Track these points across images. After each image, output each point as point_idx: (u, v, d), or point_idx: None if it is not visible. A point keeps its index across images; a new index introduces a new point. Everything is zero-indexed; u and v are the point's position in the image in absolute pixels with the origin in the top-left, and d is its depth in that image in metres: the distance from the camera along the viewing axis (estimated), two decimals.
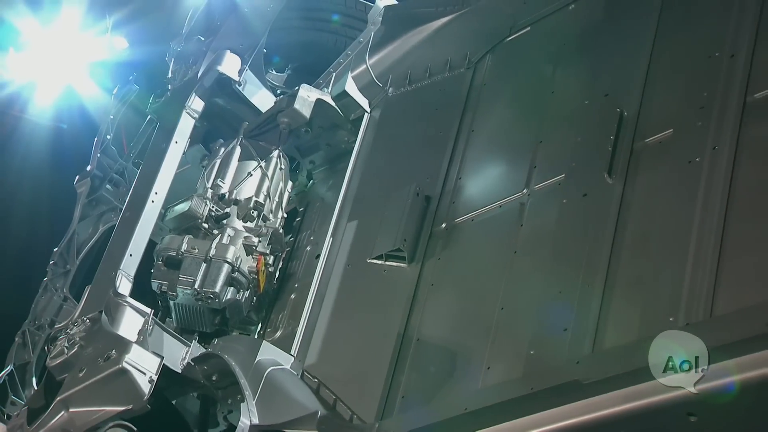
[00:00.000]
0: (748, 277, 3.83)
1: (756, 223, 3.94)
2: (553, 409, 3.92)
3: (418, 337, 4.83)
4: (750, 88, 4.25)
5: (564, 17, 5.33)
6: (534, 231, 4.73)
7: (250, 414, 4.69)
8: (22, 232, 8.05)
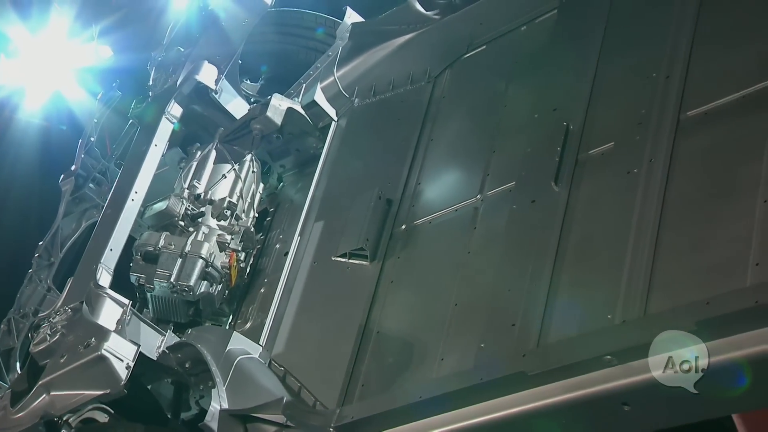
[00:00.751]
0: (678, 279, 3.89)
1: (686, 230, 4.00)
2: (500, 398, 3.97)
3: (378, 330, 4.86)
4: (683, 106, 4.32)
5: (517, 37, 5.36)
6: (486, 233, 4.76)
7: (221, 399, 4.71)
8: (10, 227, 8.02)
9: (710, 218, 3.96)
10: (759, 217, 3.78)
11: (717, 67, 4.35)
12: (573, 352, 3.88)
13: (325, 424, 4.47)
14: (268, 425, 4.72)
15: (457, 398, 4.10)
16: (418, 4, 5.66)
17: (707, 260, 3.86)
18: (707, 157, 4.14)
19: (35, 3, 9.84)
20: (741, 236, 3.79)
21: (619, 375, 3.68)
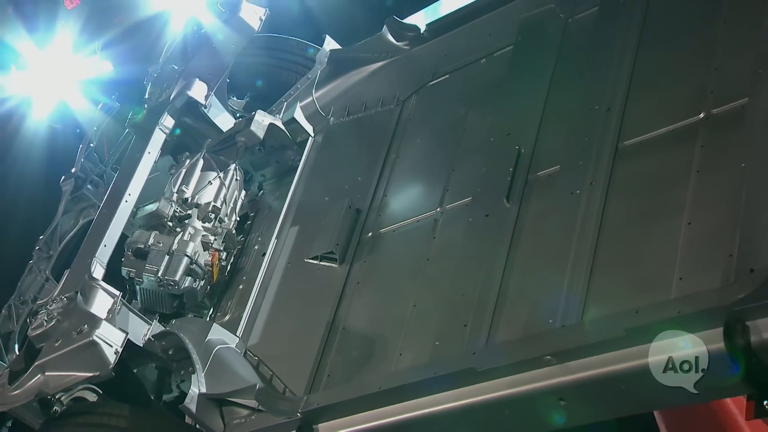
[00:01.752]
0: (611, 290, 3.96)
1: (620, 246, 4.07)
2: (451, 391, 3.99)
3: (344, 326, 4.88)
4: (621, 136, 4.39)
5: (477, 69, 5.40)
6: (444, 243, 4.80)
7: (200, 384, 4.71)
8: (15, 221, 7.98)
9: (641, 236, 4.04)
10: (683, 237, 3.86)
11: (651, 103, 4.43)
12: (517, 351, 3.91)
13: (293, 410, 4.45)
14: (242, 409, 4.74)
15: (412, 390, 4.11)
16: (390, 36, 5.70)
17: (637, 274, 3.93)
18: (640, 182, 4.21)
19: (42, 20, 9.84)
20: (667, 253, 3.86)
21: (557, 373, 3.72)
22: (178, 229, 5.70)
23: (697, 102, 4.20)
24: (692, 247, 3.81)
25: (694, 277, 3.72)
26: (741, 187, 3.74)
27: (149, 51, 7.04)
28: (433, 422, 4.06)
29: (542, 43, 5.06)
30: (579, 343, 3.70)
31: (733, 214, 3.71)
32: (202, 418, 4.69)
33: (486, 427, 4.05)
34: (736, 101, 4.06)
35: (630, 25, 4.71)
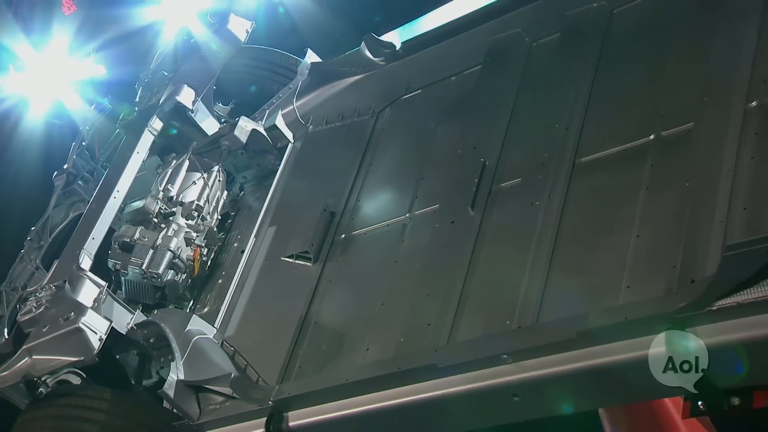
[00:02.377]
0: (565, 295, 4.00)
1: (574, 255, 4.13)
2: (414, 385, 4.02)
3: (316, 321, 4.89)
4: (578, 153, 4.44)
5: (447, 85, 5.43)
6: (412, 246, 4.82)
7: (178, 371, 4.73)
8: (10, 213, 7.96)
9: (594, 246, 4.09)
10: (632, 248, 3.93)
11: (606, 123, 4.49)
12: (476, 350, 3.95)
13: (265, 398, 4.47)
14: (217, 396, 4.74)
15: (378, 383, 4.13)
16: (368, 51, 5.72)
17: (589, 281, 3.99)
18: (595, 196, 4.27)
19: (40, 24, 9.82)
20: (617, 263, 3.92)
21: (512, 371, 3.76)
22: (162, 225, 5.69)
23: (648, 124, 4.27)
24: (639, 258, 3.87)
25: (640, 285, 3.78)
26: (685, 205, 3.82)
27: (142, 57, 7.05)
28: (396, 414, 4.09)
29: (508, 64, 5.10)
30: (533, 344, 3.75)
31: (678, 229, 3.78)
32: (180, 403, 4.69)
33: (445, 420, 4.07)
34: (683, 125, 4.13)
35: (589, 51, 4.77)
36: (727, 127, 3.84)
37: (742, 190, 3.65)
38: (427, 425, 4.13)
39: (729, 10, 4.24)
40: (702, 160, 3.87)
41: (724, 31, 4.19)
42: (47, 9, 9.95)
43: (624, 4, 4.84)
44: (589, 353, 3.59)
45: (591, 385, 3.66)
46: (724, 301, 3.33)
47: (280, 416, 4.41)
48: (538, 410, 3.85)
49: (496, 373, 3.79)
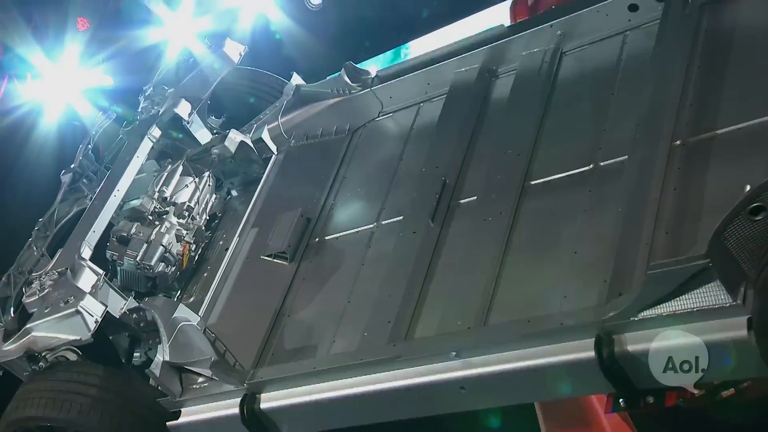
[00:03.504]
0: (510, 302, 4.05)
1: (520, 267, 4.17)
2: (374, 375, 4.06)
3: (289, 314, 4.90)
4: (527, 177, 4.48)
5: (415, 111, 5.47)
6: (377, 252, 4.84)
7: (164, 353, 4.71)
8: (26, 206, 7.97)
9: (537, 260, 4.14)
10: (570, 263, 3.99)
11: (553, 152, 4.54)
12: (430, 346, 3.99)
13: (240, 381, 4.49)
14: (198, 376, 4.73)
15: (342, 371, 4.17)
16: (347, 77, 5.72)
17: (532, 290, 4.03)
18: (540, 215, 4.32)
19: (55, 38, 9.79)
20: (556, 275, 3.98)
21: (461, 367, 3.81)
22: (156, 222, 5.66)
23: (588, 155, 4.34)
24: (576, 272, 3.93)
25: (575, 295, 3.84)
26: (617, 227, 3.89)
27: (146, 71, 7.08)
28: (357, 400, 4.12)
29: (469, 96, 5.14)
30: (480, 343, 3.81)
31: (610, 248, 3.84)
32: (164, 381, 4.69)
33: (400, 407, 4.10)
34: (618, 158, 4.20)
35: (541, 88, 4.83)
36: (654, 162, 3.92)
37: (665, 217, 3.73)
38: (384, 411, 4.16)
39: (661, 61, 4.32)
40: (632, 189, 3.93)
41: (655, 78, 4.27)
42: (63, 25, 9.93)
43: (573, 49, 4.91)
44: (528, 353, 3.65)
45: (529, 381, 3.72)
46: (646, 313, 3.40)
47: (254, 397, 4.42)
48: (481, 402, 3.91)
49: (447, 368, 3.84)
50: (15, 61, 10.09)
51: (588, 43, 4.85)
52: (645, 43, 4.53)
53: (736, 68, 4.11)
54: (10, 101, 10.07)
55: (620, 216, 3.90)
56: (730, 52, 4.21)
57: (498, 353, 3.72)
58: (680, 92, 4.13)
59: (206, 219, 5.91)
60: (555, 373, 3.63)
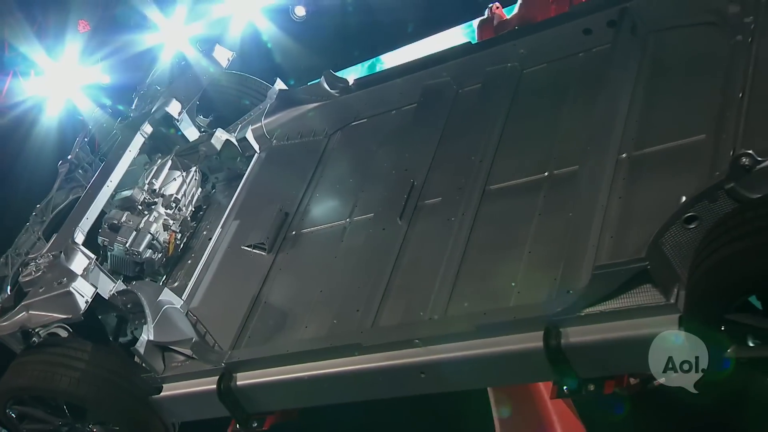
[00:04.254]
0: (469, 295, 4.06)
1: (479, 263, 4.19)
2: (342, 359, 4.07)
3: (266, 300, 4.87)
4: (488, 182, 4.50)
5: (388, 118, 5.45)
6: (349, 246, 4.82)
7: (149, 333, 4.69)
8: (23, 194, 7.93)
9: (495, 258, 4.15)
10: (524, 261, 4.01)
11: (512, 159, 4.55)
12: (394, 334, 4.01)
13: (218, 360, 4.48)
14: (179, 355, 4.72)
15: (312, 355, 4.17)
16: (326, 84, 5.69)
17: (489, 285, 4.04)
18: (498, 217, 4.33)
19: (57, 38, 9.77)
20: (512, 272, 4.00)
21: (422, 354, 3.84)
22: (145, 212, 5.61)
23: (543, 163, 4.35)
24: (529, 270, 3.96)
25: (529, 292, 3.86)
26: (567, 230, 3.92)
27: (141, 71, 7.05)
28: (325, 381, 4.13)
29: (438, 106, 5.14)
30: (440, 333, 3.83)
31: (561, 249, 3.88)
32: (148, 359, 4.67)
33: (365, 389, 4.12)
34: (570, 167, 4.23)
35: (502, 101, 4.84)
36: (602, 172, 3.96)
37: (611, 222, 3.78)
38: (348, 393, 4.18)
39: (610, 81, 4.36)
40: (582, 196, 3.97)
41: (605, 97, 4.31)
42: (64, 26, 9.91)
43: (532, 66, 4.92)
44: (483, 343, 3.68)
45: (483, 368, 3.76)
46: (591, 309, 3.45)
47: (230, 376, 4.41)
48: (439, 386, 3.92)
49: (409, 354, 3.86)
50: (19, 59, 10.10)
51: (547, 61, 4.87)
52: (597, 64, 4.57)
53: (675, 91, 4.16)
54: (14, 96, 10.15)
55: (570, 220, 3.93)
56: (670, 76, 4.26)
57: (456, 342, 3.75)
58: (627, 110, 4.18)
59: (192, 210, 5.86)
60: (507, 361, 3.67)
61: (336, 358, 4.07)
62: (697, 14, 4.23)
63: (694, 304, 3.16)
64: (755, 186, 3.04)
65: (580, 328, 3.46)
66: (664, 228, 3.23)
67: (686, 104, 4.03)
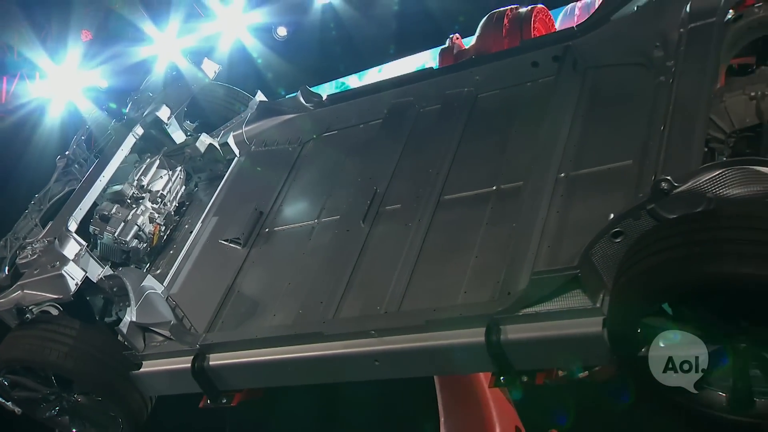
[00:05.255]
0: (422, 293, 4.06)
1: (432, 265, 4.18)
2: (305, 345, 4.04)
3: (239, 290, 4.82)
4: (443, 192, 4.49)
5: (356, 131, 5.40)
6: (316, 244, 4.78)
7: (132, 314, 4.63)
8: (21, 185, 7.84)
9: (446, 261, 4.15)
10: (471, 265, 4.01)
11: (464, 174, 4.54)
12: (353, 325, 3.99)
13: (193, 342, 4.44)
14: (159, 336, 4.66)
15: (279, 341, 4.14)
16: (302, 98, 5.66)
17: (440, 284, 4.04)
18: (450, 224, 4.33)
19: (61, 46, 9.74)
20: (460, 274, 4.00)
21: (377, 343, 3.83)
22: (134, 205, 5.52)
23: (492, 178, 4.37)
24: (476, 273, 3.96)
25: (474, 292, 3.87)
26: (511, 239, 3.94)
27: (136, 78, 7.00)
28: (289, 365, 4.11)
29: (401, 122, 5.12)
30: (394, 325, 3.83)
31: (504, 255, 3.90)
32: (130, 338, 4.61)
33: (325, 373, 4.11)
34: (515, 182, 4.25)
35: (458, 121, 4.84)
36: (543, 189, 3.99)
37: (549, 233, 3.81)
38: (309, 376, 4.16)
39: (553, 108, 4.38)
40: (525, 209, 3.99)
41: (548, 122, 4.34)
42: (68, 35, 9.87)
43: (486, 92, 4.93)
44: (432, 336, 3.69)
45: (431, 358, 3.76)
46: (528, 310, 3.48)
47: (204, 357, 4.38)
48: (391, 373, 3.91)
49: (365, 344, 3.85)
50: (26, 63, 10.15)
51: (498, 88, 4.88)
52: (542, 93, 4.60)
53: (608, 120, 4.20)
54: (21, 96, 10.20)
55: (513, 230, 3.95)
56: (604, 107, 4.30)
57: (407, 334, 3.75)
58: (566, 135, 4.22)
59: (176, 206, 5.78)
60: (452, 353, 3.68)
61: (300, 345, 4.05)
62: (628, 56, 4.28)
63: (616, 309, 3.20)
64: (672, 208, 3.10)
65: (518, 326, 3.48)
66: (594, 241, 3.28)
67: (617, 133, 4.08)
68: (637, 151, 3.75)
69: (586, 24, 4.48)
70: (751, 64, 3.82)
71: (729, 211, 2.95)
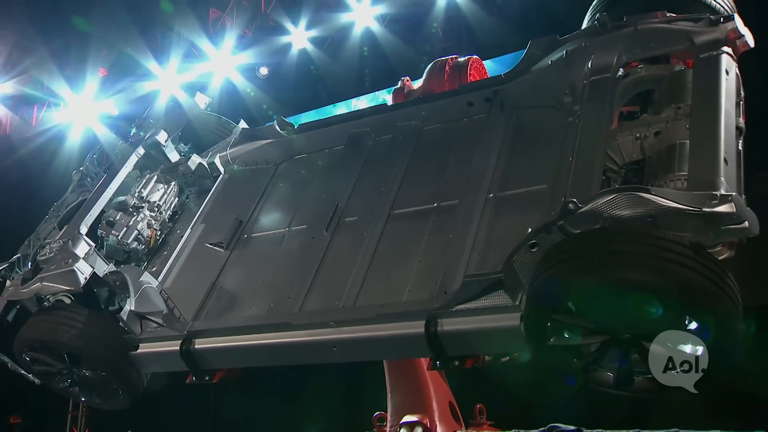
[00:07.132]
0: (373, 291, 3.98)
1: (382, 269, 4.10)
2: (275, 333, 3.95)
3: (221, 286, 4.68)
4: (393, 207, 4.41)
5: (322, 155, 5.27)
6: (286, 249, 4.66)
7: (131, 304, 4.53)
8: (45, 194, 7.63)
9: (394, 265, 4.08)
10: (415, 268, 3.96)
11: (411, 193, 4.46)
12: (316, 316, 3.91)
13: (182, 329, 4.33)
14: (153, 323, 4.55)
15: (253, 329, 4.05)
16: (278, 126, 5.52)
17: (388, 285, 3.97)
18: (399, 234, 4.25)
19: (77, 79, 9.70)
20: (405, 276, 3.94)
21: (335, 333, 3.76)
22: (134, 213, 5.33)
23: (433, 197, 4.31)
24: (419, 275, 3.91)
25: (417, 291, 3.83)
26: (448, 247, 3.90)
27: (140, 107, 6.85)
28: (261, 349, 4.02)
29: (360, 148, 5.03)
30: (350, 318, 3.76)
31: (442, 261, 3.85)
32: (129, 324, 4.50)
33: (292, 357, 4.03)
34: (452, 200, 4.20)
35: (407, 148, 4.77)
36: (475, 206, 3.97)
37: (479, 243, 3.80)
38: (278, 359, 4.08)
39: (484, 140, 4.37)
40: (459, 223, 3.96)
41: (480, 151, 4.32)
42: (86, 71, 9.91)
43: (430, 125, 4.88)
44: (381, 327, 3.65)
45: (380, 346, 3.73)
46: (461, 306, 3.47)
47: (190, 341, 4.26)
48: (348, 357, 3.83)
49: (325, 333, 3.78)
50: (52, 94, 10.23)
51: (441, 122, 4.83)
52: (476, 127, 4.58)
53: (528, 151, 4.20)
54: (47, 121, 10.37)
55: (450, 240, 3.91)
56: (525, 140, 4.31)
57: (361, 325, 3.69)
58: (495, 162, 4.21)
59: (170, 214, 5.57)
60: (398, 341, 3.63)
61: (271, 332, 3.96)
62: (545, 100, 4.30)
63: (531, 307, 3.19)
64: (577, 224, 3.15)
65: (452, 319, 3.45)
66: (515, 250, 3.28)
67: (535, 162, 4.08)
68: (551, 177, 3.77)
69: (512, 72, 4.49)
70: (637, 111, 3.94)
71: (619, 228, 3.05)
